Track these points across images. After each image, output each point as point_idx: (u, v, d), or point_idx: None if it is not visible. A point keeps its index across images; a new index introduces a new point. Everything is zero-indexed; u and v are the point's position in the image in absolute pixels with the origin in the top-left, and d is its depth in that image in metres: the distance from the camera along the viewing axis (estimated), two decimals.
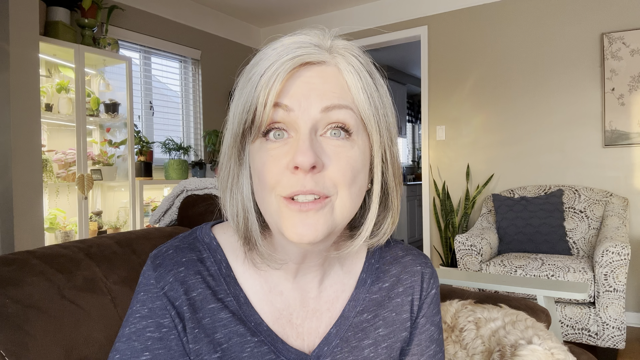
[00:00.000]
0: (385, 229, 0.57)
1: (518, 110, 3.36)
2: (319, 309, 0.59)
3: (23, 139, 2.20)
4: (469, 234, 2.91)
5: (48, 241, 2.64)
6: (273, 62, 0.47)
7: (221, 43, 4.17)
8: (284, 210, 0.48)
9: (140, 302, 0.54)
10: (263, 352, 0.54)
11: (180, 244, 0.57)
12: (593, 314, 2.39)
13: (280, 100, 0.47)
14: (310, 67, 0.49)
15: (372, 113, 0.50)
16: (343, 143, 0.49)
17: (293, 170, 0.47)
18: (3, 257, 0.88)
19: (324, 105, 0.48)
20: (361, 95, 0.49)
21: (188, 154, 3.66)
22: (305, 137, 0.47)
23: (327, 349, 0.57)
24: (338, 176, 0.48)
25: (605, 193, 2.93)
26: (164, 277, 0.54)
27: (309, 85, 0.48)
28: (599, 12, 3.06)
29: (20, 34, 2.17)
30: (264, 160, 0.48)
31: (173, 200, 1.49)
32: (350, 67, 0.50)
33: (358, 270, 0.62)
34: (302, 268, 0.57)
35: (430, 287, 0.63)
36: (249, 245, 0.53)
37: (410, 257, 0.64)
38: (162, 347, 0.52)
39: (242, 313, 0.55)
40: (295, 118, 0.47)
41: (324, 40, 0.50)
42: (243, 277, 0.57)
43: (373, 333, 0.59)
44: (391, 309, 0.61)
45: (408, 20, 3.81)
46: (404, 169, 7.11)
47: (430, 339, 0.63)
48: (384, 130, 0.52)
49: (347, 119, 0.49)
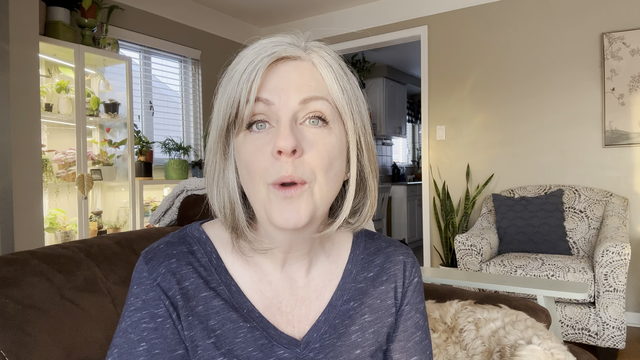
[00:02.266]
0: (365, 213, 0.60)
1: (518, 110, 3.36)
2: (307, 297, 0.61)
3: (23, 139, 2.19)
4: (469, 234, 2.91)
5: (48, 241, 2.64)
6: (253, 60, 0.51)
7: (221, 43, 4.17)
8: (272, 197, 0.51)
9: (134, 295, 0.56)
10: (256, 337, 0.57)
11: (171, 239, 0.60)
12: (593, 314, 2.39)
13: (260, 95, 0.51)
14: (287, 62, 0.53)
15: (345, 103, 0.54)
16: (321, 130, 0.52)
17: (277, 156, 0.50)
18: (3, 257, 0.88)
19: (302, 97, 0.51)
20: (335, 87, 0.54)
21: (188, 154, 3.66)
22: (286, 125, 0.50)
23: (317, 335, 0.60)
24: (316, 161, 0.51)
25: (605, 193, 2.93)
26: (156, 269, 0.56)
27: (286, 79, 0.52)
28: (599, 12, 3.06)
29: (20, 34, 2.17)
30: (250, 151, 0.52)
31: (173, 200, 1.49)
32: (323, 61, 0.54)
33: (344, 261, 0.65)
34: (289, 257, 0.60)
35: (413, 276, 0.67)
36: (237, 233, 0.56)
37: (392, 248, 0.68)
38: (157, 337, 0.54)
39: (235, 300, 0.58)
40: (275, 110, 0.51)
41: (298, 41, 0.54)
42: (233, 268, 0.59)
43: (359, 319, 0.62)
44: (376, 297, 0.64)
45: (408, 20, 3.81)
46: (404, 168, 7.11)
47: (415, 325, 0.66)
48: (357, 118, 0.56)
49: (323, 109, 0.52)
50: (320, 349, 0.59)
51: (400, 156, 7.28)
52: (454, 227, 3.46)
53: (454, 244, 2.92)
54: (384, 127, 6.10)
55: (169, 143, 3.45)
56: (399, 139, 7.10)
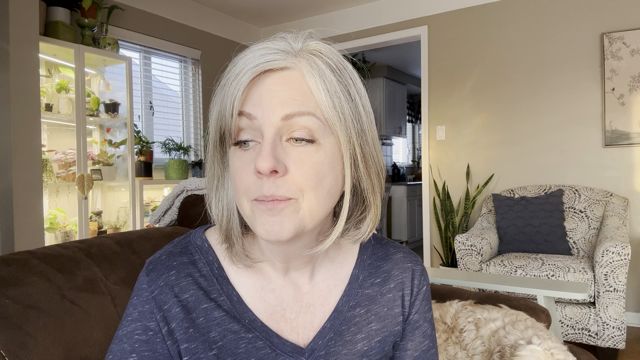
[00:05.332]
0: (366, 226, 0.57)
1: (518, 110, 3.36)
2: (312, 303, 0.60)
3: (23, 139, 2.19)
4: (469, 234, 2.91)
5: (48, 241, 2.64)
6: (239, 72, 0.49)
7: (221, 43, 4.17)
8: (255, 210, 0.50)
9: (132, 306, 0.57)
10: (258, 347, 0.56)
11: (174, 249, 0.60)
12: (593, 314, 2.39)
13: (243, 109, 0.49)
14: (272, 74, 0.50)
15: (337, 114, 0.50)
16: (307, 148, 0.50)
17: (258, 175, 0.48)
18: (3, 257, 0.88)
19: (285, 114, 0.49)
20: (323, 98, 0.50)
21: (188, 154, 3.66)
22: (268, 144, 0.48)
23: (322, 342, 0.59)
24: (302, 180, 0.49)
25: (605, 193, 2.93)
26: (155, 282, 0.56)
27: (270, 92, 0.49)
28: (599, 12, 3.06)
29: (20, 34, 2.17)
30: (236, 167, 0.51)
31: (173, 200, 1.49)
32: (312, 70, 0.50)
33: (350, 266, 0.64)
34: (290, 265, 0.59)
35: (422, 284, 0.66)
36: (228, 243, 0.56)
37: (401, 255, 0.66)
38: (147, 350, 0.55)
39: (236, 311, 0.57)
40: (259, 125, 0.49)
41: (294, 43, 0.51)
42: (235, 276, 0.59)
43: (366, 327, 0.61)
44: (383, 304, 0.63)
45: (408, 20, 3.81)
46: (404, 168, 7.11)
47: (423, 334, 0.65)
48: (352, 129, 0.52)
49: (309, 125, 0.49)
50: (326, 356, 0.58)
51: (400, 156, 7.28)
52: (454, 227, 3.46)
53: (454, 244, 2.92)
54: (384, 127, 6.11)
55: (169, 143, 3.45)
56: (399, 139, 7.10)
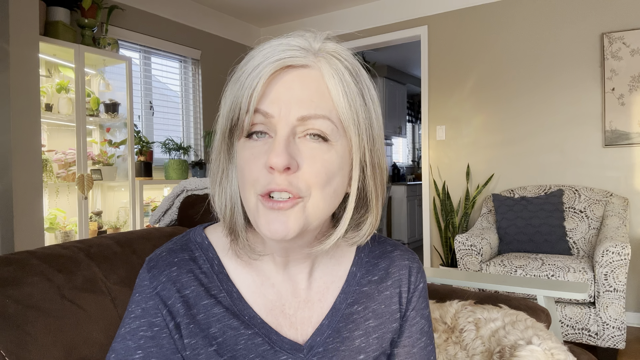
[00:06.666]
0: (365, 230, 0.58)
1: (518, 110, 3.36)
2: (310, 299, 0.61)
3: (23, 139, 2.19)
4: (469, 234, 2.91)
5: (48, 241, 2.64)
6: (258, 64, 0.49)
7: (221, 43, 4.17)
8: (260, 207, 0.50)
9: (135, 303, 0.57)
10: (257, 344, 0.57)
11: (174, 246, 0.60)
12: (593, 314, 2.39)
13: (260, 106, 0.50)
14: (292, 71, 0.50)
15: (352, 117, 0.51)
16: (319, 146, 0.50)
17: (269, 170, 0.49)
18: (3, 257, 0.88)
19: (301, 115, 0.49)
20: (341, 100, 0.50)
21: (188, 154, 3.66)
22: (282, 140, 0.49)
23: (320, 339, 0.59)
24: (311, 177, 0.50)
25: (605, 193, 2.93)
26: (157, 278, 0.57)
27: (289, 90, 0.49)
28: (599, 12, 3.06)
29: (20, 34, 2.17)
30: (245, 158, 0.51)
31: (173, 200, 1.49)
32: (332, 71, 0.51)
33: (348, 263, 0.64)
34: (290, 260, 0.59)
35: (418, 281, 0.66)
36: (233, 236, 0.57)
37: (398, 252, 0.67)
38: (154, 346, 0.55)
39: (236, 307, 0.58)
40: (274, 123, 0.49)
41: (314, 42, 0.52)
42: (235, 273, 0.59)
43: (363, 324, 0.62)
44: (380, 302, 0.64)
45: (408, 20, 3.81)
46: (404, 168, 7.11)
47: (420, 331, 0.66)
48: (364, 134, 0.53)
49: (323, 127, 0.50)
50: (324, 353, 0.59)
51: (400, 156, 7.28)
52: (454, 227, 3.46)
53: (454, 244, 2.92)
54: (384, 127, 6.10)
55: (169, 143, 3.45)
56: (399, 139, 7.10)
